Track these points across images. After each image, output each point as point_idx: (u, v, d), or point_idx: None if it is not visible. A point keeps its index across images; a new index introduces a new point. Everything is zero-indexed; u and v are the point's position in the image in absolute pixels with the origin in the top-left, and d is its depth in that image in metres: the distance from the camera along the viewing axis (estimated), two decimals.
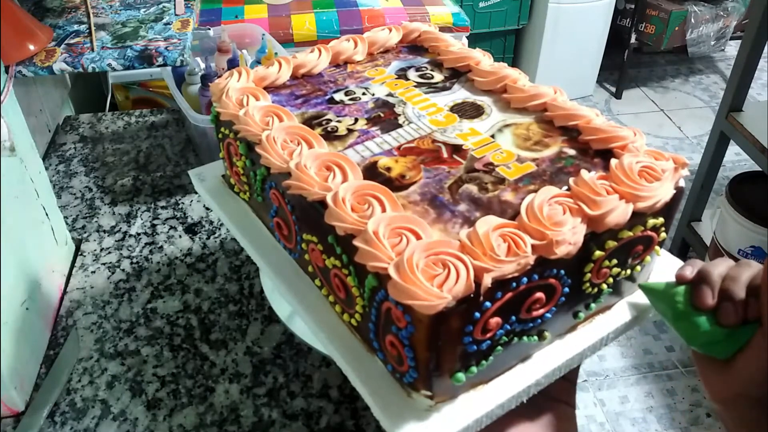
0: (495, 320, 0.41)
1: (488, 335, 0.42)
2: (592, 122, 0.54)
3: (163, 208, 0.89)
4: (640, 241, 0.47)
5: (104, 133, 1.06)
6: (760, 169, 1.50)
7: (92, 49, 0.87)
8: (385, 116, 0.57)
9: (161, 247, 0.82)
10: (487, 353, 0.44)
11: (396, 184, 0.48)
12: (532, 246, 0.40)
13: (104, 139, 1.04)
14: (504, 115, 0.56)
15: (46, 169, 0.85)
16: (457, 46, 0.65)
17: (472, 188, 0.48)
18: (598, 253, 0.44)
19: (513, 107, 0.57)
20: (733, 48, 2.85)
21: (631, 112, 2.62)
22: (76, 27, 0.92)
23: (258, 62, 0.94)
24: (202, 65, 0.93)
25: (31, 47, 0.84)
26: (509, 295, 0.41)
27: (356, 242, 0.41)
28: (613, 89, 2.72)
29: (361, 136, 0.54)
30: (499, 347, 0.44)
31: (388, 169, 0.50)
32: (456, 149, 0.52)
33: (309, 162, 0.47)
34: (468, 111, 0.57)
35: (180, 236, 0.84)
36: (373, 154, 0.52)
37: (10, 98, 0.67)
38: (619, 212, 0.43)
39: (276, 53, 0.91)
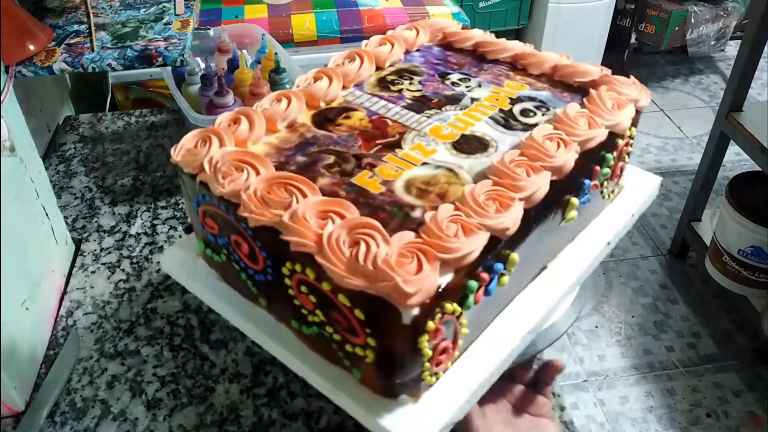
0: (210, 221, 0.52)
1: (208, 229, 0.52)
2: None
3: (163, 208, 0.89)
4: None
5: (104, 133, 1.06)
6: (760, 169, 1.50)
7: (92, 49, 0.87)
8: (433, 104, 0.61)
9: (161, 247, 0.82)
10: (216, 249, 0.54)
11: (327, 125, 0.57)
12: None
13: (104, 139, 1.04)
14: (478, 164, 0.54)
15: (46, 169, 0.85)
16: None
17: (328, 160, 0.53)
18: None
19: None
20: (733, 48, 2.84)
21: None
22: (76, 27, 0.92)
23: (258, 62, 0.94)
24: (202, 65, 0.93)
25: (31, 47, 0.84)
26: (214, 209, 0.50)
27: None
28: None
29: (395, 98, 0.62)
30: (223, 255, 0.53)
31: (347, 117, 0.59)
32: (391, 147, 0.55)
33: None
34: (469, 145, 0.56)
35: (180, 236, 0.84)
36: (368, 107, 0.60)
37: (10, 98, 0.67)
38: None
39: (276, 53, 0.91)
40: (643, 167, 2.44)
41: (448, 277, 0.42)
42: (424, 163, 0.52)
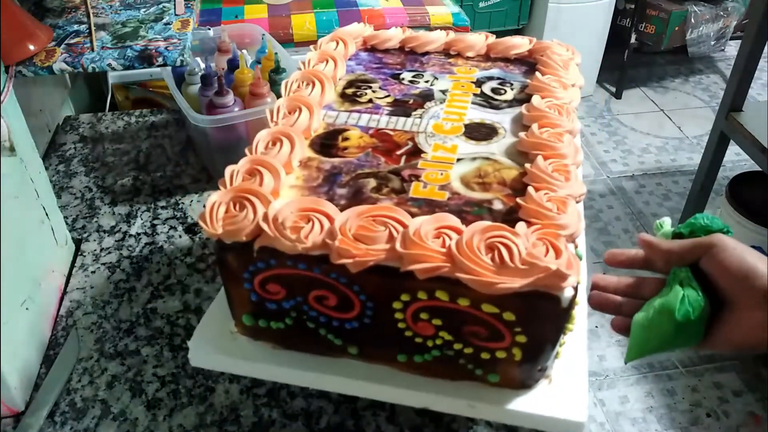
0: (274, 286, 0.47)
1: (269, 296, 0.48)
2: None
3: (163, 208, 0.89)
4: None
5: (104, 133, 1.06)
6: (760, 169, 1.50)
7: (92, 49, 0.87)
8: (412, 105, 0.62)
9: (161, 247, 0.82)
10: (277, 315, 0.50)
11: (333, 151, 0.56)
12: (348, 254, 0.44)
13: (104, 139, 1.04)
14: (503, 146, 0.56)
15: (46, 169, 0.85)
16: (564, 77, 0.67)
17: (371, 184, 0.52)
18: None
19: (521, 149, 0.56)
20: (733, 48, 2.84)
21: (631, 112, 2.61)
22: (76, 27, 0.92)
23: (258, 62, 0.94)
24: (202, 65, 0.93)
25: (31, 47, 0.84)
26: (284, 271, 0.46)
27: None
28: (613, 89, 2.72)
29: (371, 108, 0.61)
30: (288, 319, 0.50)
31: (346, 138, 0.58)
32: (414, 153, 0.55)
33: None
34: (479, 132, 0.57)
35: (180, 236, 0.84)
36: (356, 124, 0.59)
37: (10, 98, 0.67)
38: None
39: (276, 53, 0.91)
40: (643, 167, 2.44)
41: (571, 249, 0.44)
42: (459, 160, 0.53)
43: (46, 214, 0.73)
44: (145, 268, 0.79)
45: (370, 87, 0.65)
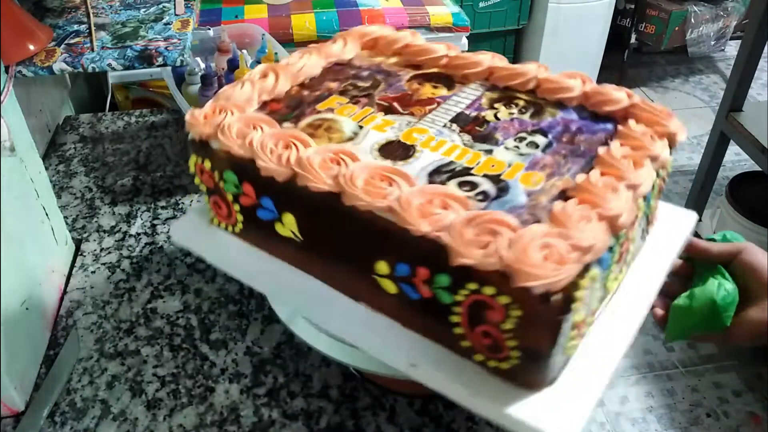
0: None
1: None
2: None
3: (163, 208, 0.89)
4: None
5: (104, 133, 1.06)
6: (760, 169, 1.50)
7: (92, 49, 0.87)
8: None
9: (161, 247, 0.82)
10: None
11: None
12: None
13: (104, 139, 1.04)
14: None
15: (46, 169, 0.85)
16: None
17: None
18: None
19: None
20: (733, 48, 2.84)
21: None
22: (76, 27, 0.92)
23: (258, 62, 0.94)
24: (202, 65, 0.93)
25: (31, 47, 0.84)
26: None
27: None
28: None
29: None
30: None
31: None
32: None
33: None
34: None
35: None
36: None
37: (10, 98, 0.67)
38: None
39: (276, 53, 0.91)
40: None
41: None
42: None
43: (46, 214, 0.73)
44: (145, 268, 0.79)
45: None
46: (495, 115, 0.56)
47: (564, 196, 0.47)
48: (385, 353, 0.50)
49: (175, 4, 0.98)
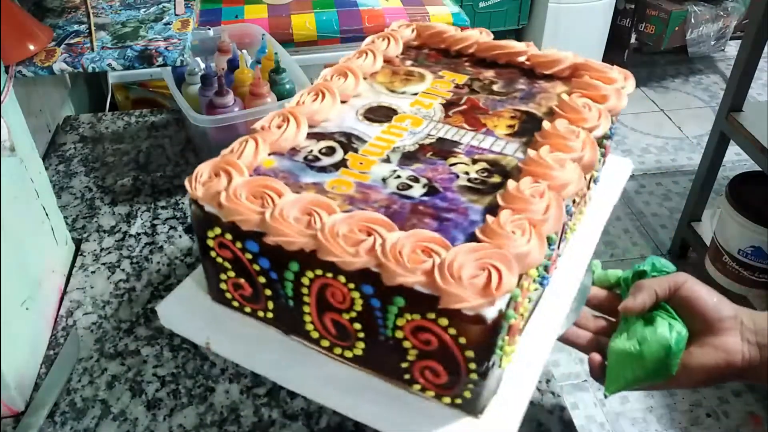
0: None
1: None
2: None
3: (163, 208, 0.89)
4: None
5: (104, 133, 1.06)
6: (760, 169, 1.50)
7: (92, 49, 0.87)
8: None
9: (161, 247, 0.82)
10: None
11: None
12: None
13: (104, 139, 1.04)
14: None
15: (46, 169, 0.84)
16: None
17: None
18: None
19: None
20: (733, 48, 2.84)
21: (631, 112, 2.61)
22: (76, 27, 0.92)
23: (258, 62, 0.94)
24: (202, 65, 0.93)
25: (31, 47, 0.84)
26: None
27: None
28: None
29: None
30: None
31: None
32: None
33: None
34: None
35: (180, 236, 0.84)
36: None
37: (10, 98, 0.67)
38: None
39: (276, 53, 0.91)
40: (643, 167, 2.44)
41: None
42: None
43: (46, 214, 0.73)
44: (145, 268, 0.79)
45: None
46: (452, 164, 0.59)
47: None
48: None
49: (175, 4, 0.98)
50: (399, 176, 0.53)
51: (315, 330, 0.51)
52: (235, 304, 0.55)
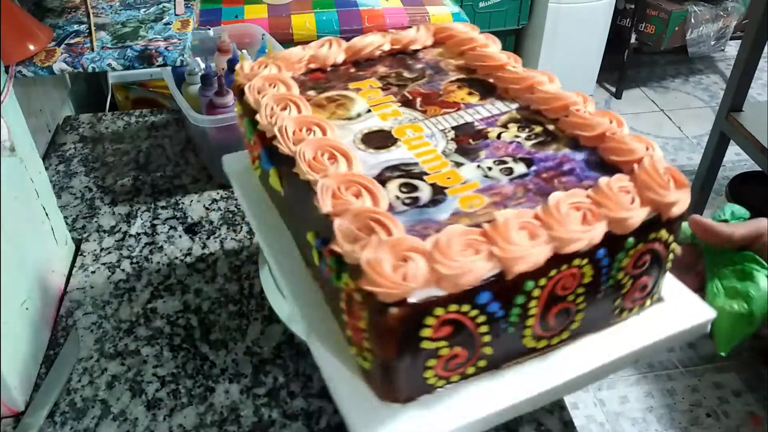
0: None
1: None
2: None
3: (163, 208, 0.89)
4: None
5: (104, 133, 1.06)
6: (760, 169, 1.50)
7: (92, 49, 0.87)
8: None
9: (161, 247, 0.82)
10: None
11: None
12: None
13: (104, 139, 1.04)
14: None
15: (46, 169, 0.85)
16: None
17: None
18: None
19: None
20: (733, 48, 2.84)
21: (631, 112, 2.61)
22: (76, 27, 0.92)
23: None
24: (202, 65, 0.93)
25: (31, 47, 0.84)
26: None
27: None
28: (613, 89, 2.72)
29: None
30: None
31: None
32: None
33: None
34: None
35: (180, 236, 0.84)
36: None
37: (10, 98, 0.67)
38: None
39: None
40: None
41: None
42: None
43: (46, 214, 0.73)
44: (145, 268, 0.79)
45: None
46: (498, 135, 0.54)
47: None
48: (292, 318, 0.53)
49: (175, 4, 0.98)
50: (490, 167, 0.50)
51: (532, 338, 0.46)
52: (440, 383, 0.46)
